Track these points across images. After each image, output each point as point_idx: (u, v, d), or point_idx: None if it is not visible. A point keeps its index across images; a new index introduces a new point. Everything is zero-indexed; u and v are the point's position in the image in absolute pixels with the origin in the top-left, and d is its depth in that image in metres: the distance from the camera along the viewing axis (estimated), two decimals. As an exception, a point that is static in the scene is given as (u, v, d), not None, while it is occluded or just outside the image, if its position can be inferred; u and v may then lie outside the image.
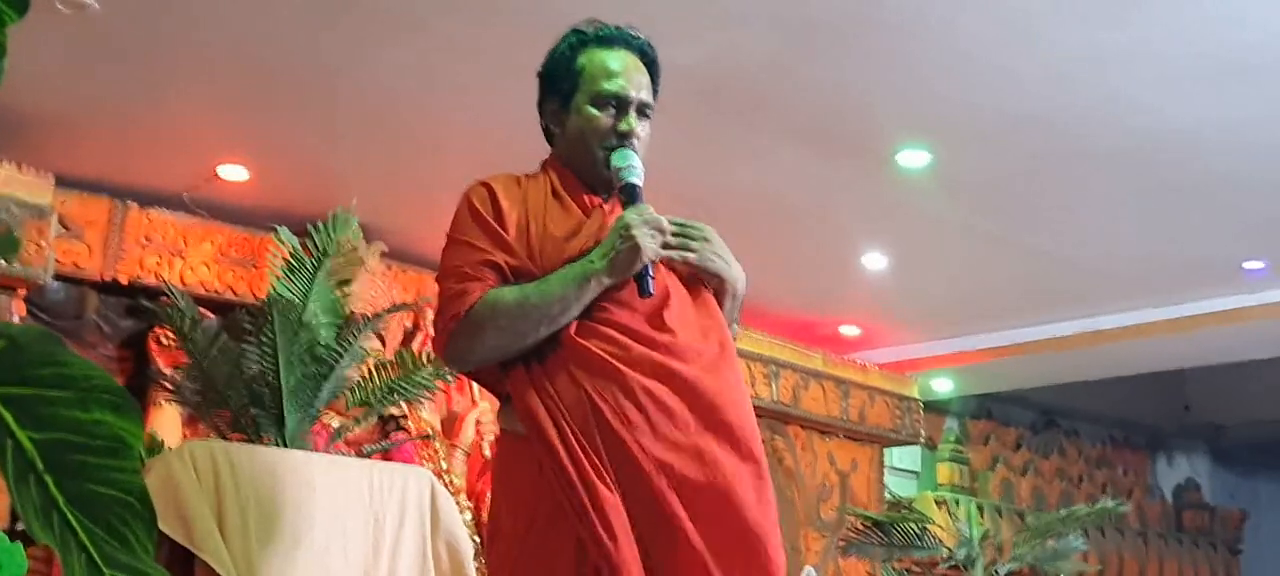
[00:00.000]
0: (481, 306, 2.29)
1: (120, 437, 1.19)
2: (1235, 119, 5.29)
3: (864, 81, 5.10)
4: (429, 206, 6.10)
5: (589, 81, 2.46)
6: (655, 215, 2.34)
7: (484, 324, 2.29)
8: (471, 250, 2.36)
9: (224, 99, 5.33)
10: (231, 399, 3.58)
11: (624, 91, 2.44)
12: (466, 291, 2.31)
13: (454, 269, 2.36)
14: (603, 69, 2.46)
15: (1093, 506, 6.04)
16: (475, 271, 2.33)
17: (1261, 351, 8.53)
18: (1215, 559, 11.95)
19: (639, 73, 2.48)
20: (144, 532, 1.21)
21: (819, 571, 8.16)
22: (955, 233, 6.78)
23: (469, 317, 2.29)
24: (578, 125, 2.47)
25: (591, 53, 2.48)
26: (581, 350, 2.28)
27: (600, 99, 2.45)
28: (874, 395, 8.94)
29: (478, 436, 6.60)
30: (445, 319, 2.34)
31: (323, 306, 3.69)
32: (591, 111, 2.45)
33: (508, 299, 2.29)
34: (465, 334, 2.31)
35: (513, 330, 2.28)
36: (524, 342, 2.29)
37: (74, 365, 1.16)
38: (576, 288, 2.29)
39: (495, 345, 2.30)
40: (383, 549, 3.41)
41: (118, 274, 5.85)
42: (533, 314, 2.28)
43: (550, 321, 2.29)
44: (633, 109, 2.45)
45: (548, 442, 2.23)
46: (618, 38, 2.50)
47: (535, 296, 2.29)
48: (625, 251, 2.29)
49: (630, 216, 2.32)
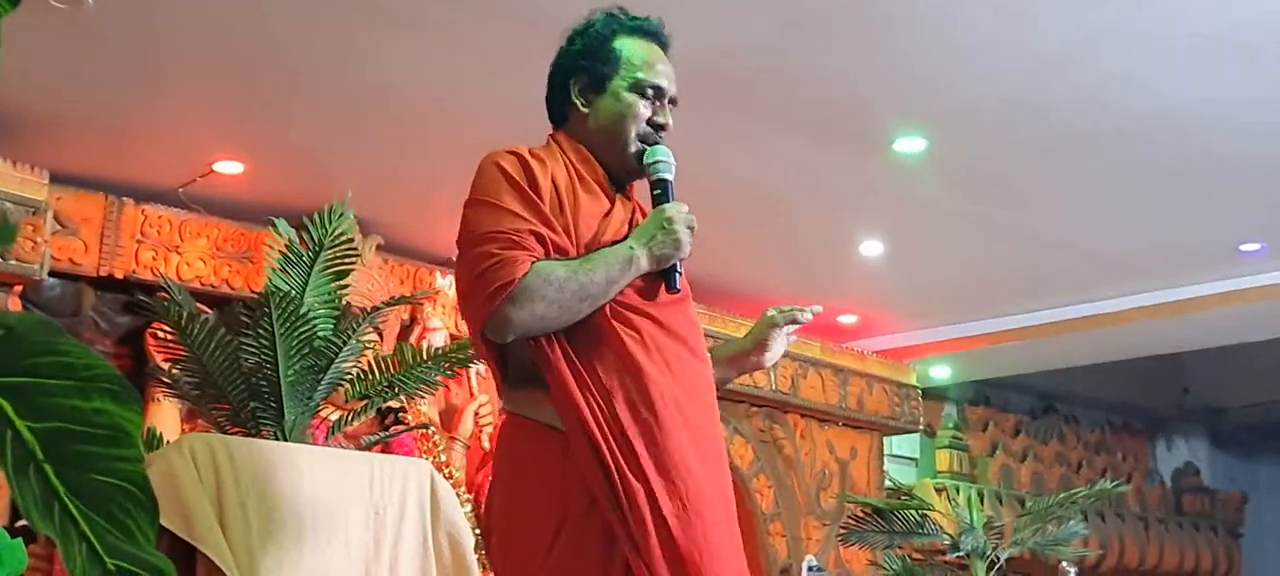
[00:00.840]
0: (534, 276, 2.24)
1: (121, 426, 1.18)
2: (1231, 101, 5.29)
3: (860, 70, 5.09)
4: (424, 200, 6.11)
5: (629, 68, 2.48)
6: (689, 213, 2.41)
7: (536, 295, 2.24)
8: (512, 217, 2.30)
9: (219, 94, 5.32)
10: (230, 393, 3.57)
11: (665, 85, 2.50)
12: (516, 259, 2.26)
13: (495, 234, 2.29)
14: (644, 59, 2.49)
15: (1091, 488, 6.03)
16: (522, 239, 2.28)
17: (1259, 333, 8.54)
18: (1216, 542, 11.97)
19: (671, 69, 2.54)
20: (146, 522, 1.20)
21: (820, 560, 8.17)
22: (952, 219, 6.78)
23: (523, 287, 2.24)
24: (614, 109, 2.47)
25: (628, 40, 2.50)
26: (614, 334, 2.30)
27: (643, 87, 2.48)
28: (872, 383, 8.95)
29: (476, 428, 6.60)
30: (491, 285, 2.25)
31: (320, 299, 3.68)
32: (631, 98, 2.47)
33: (559, 273, 2.26)
34: (515, 302, 2.24)
35: (563, 304, 2.26)
36: (570, 318, 2.28)
37: (74, 353, 1.16)
38: (620, 270, 2.31)
39: (543, 317, 2.26)
40: (384, 541, 3.41)
41: (114, 270, 5.85)
42: (582, 291, 2.27)
43: (593, 301, 2.29)
44: (667, 102, 2.51)
45: (587, 430, 2.22)
46: (653, 31, 2.55)
47: (583, 274, 2.28)
48: (667, 244, 2.35)
49: (671, 211, 2.38)
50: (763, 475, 8.23)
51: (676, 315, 2.41)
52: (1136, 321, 8.07)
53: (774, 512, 8.23)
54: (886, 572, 5.97)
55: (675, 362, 2.33)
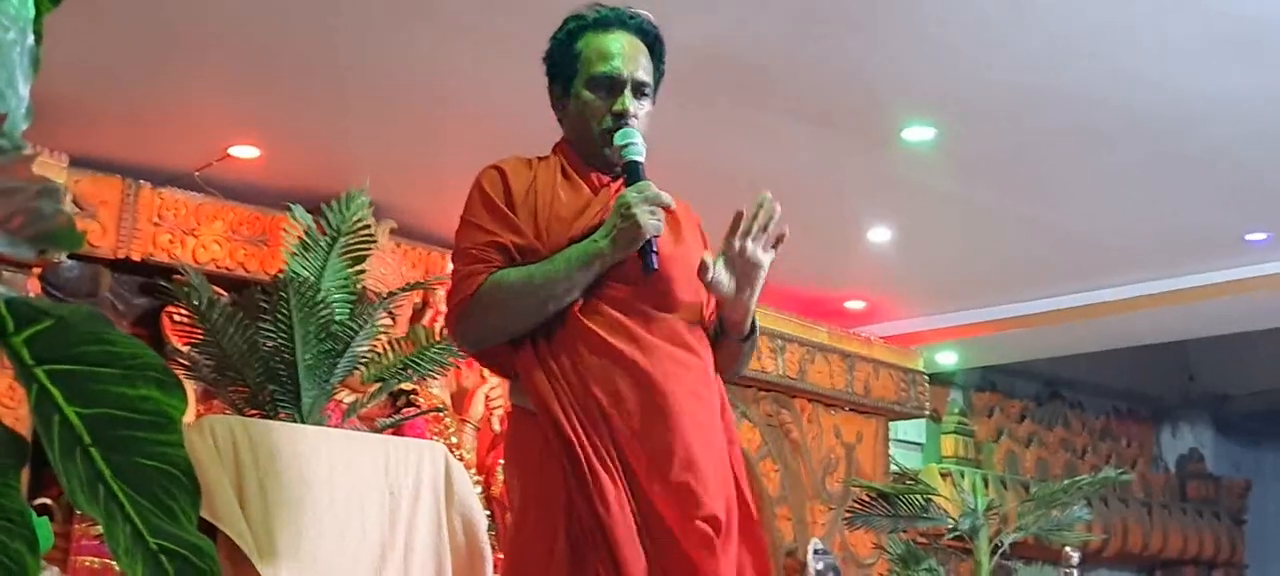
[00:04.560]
0: (487, 287, 2.35)
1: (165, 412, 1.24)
2: (1238, 93, 5.33)
3: (870, 59, 5.14)
4: (437, 185, 6.16)
5: (586, 65, 2.51)
6: (656, 192, 2.38)
7: (489, 305, 2.35)
8: (479, 232, 2.42)
9: (235, 80, 5.38)
10: (248, 375, 3.64)
11: (618, 72, 2.49)
12: (474, 273, 2.38)
13: (463, 251, 2.43)
14: (598, 52, 2.50)
15: (1096, 476, 6.09)
16: (481, 254, 2.39)
17: (1264, 321, 8.58)
18: (1219, 528, 12.02)
19: (637, 52, 2.52)
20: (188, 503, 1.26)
21: (826, 543, 8.23)
22: (960, 207, 6.82)
23: (475, 299, 2.36)
24: (577, 109, 2.53)
25: (589, 37, 2.53)
26: (585, 329, 2.35)
27: (596, 81, 2.50)
28: (879, 368, 9.00)
29: (487, 410, 6.67)
30: (454, 302, 2.41)
31: (337, 284, 3.74)
32: (588, 94, 2.50)
33: (512, 279, 2.35)
34: (472, 315, 2.38)
35: (517, 309, 2.35)
36: (531, 321, 2.36)
37: (121, 343, 1.21)
38: (581, 267, 2.35)
39: (500, 325, 2.37)
40: (399, 522, 3.47)
41: (131, 252, 5.92)
42: (538, 293, 2.34)
43: (555, 300, 2.35)
44: (628, 89, 2.49)
45: (553, 417, 2.30)
46: (615, 19, 2.54)
47: (540, 276, 2.35)
48: (626, 229, 2.34)
49: (630, 195, 2.37)
50: (769, 459, 8.29)
51: (664, 299, 2.42)
52: (1142, 309, 8.11)
53: (780, 496, 8.30)
54: (891, 556, 6.03)
55: (658, 349, 2.36)
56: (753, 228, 2.43)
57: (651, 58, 2.55)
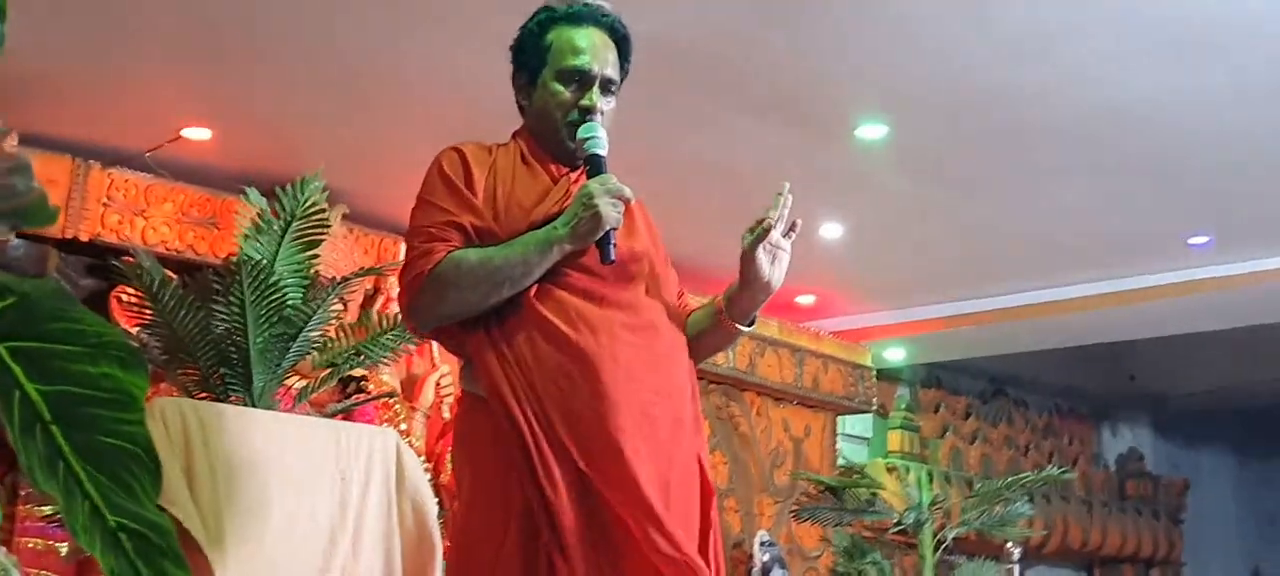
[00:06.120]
0: (445, 265, 2.38)
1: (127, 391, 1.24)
2: (1183, 97, 5.42)
3: (824, 56, 5.18)
4: (391, 170, 6.15)
5: (556, 57, 2.54)
6: (618, 184, 2.43)
7: (447, 283, 2.37)
8: (438, 211, 2.44)
9: (188, 61, 5.34)
10: (200, 358, 3.62)
11: (588, 67, 2.52)
12: (432, 250, 2.40)
13: (421, 228, 2.45)
14: (569, 45, 2.53)
15: (1038, 473, 6.18)
16: (441, 232, 2.42)
17: (1205, 323, 8.72)
18: (1157, 527, 12.19)
19: (606, 49, 2.56)
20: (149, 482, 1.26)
21: (772, 535, 8.30)
22: (910, 205, 6.89)
23: (433, 276, 2.38)
24: (543, 99, 2.55)
25: (560, 29, 2.55)
26: (539, 314, 2.38)
27: (565, 74, 2.53)
28: (828, 363, 9.07)
29: (437, 398, 6.66)
30: (410, 277, 2.42)
31: (290, 268, 3.73)
32: (556, 87, 2.53)
33: (471, 259, 2.38)
34: (428, 292, 2.39)
35: (475, 290, 2.37)
36: (485, 303, 2.38)
37: (86, 321, 1.22)
38: (538, 253, 2.38)
39: (457, 303, 2.39)
40: (350, 508, 3.47)
41: (79, 232, 5.86)
42: (495, 275, 2.37)
43: (512, 283, 2.38)
44: (596, 85, 2.53)
45: (503, 402, 2.33)
46: (587, 15, 2.57)
47: (498, 258, 2.37)
48: (587, 219, 2.38)
49: (593, 186, 2.41)
50: (719, 451, 8.34)
51: (622, 288, 2.46)
52: (1086, 309, 8.23)
53: (728, 488, 8.35)
54: (836, 549, 6.09)
55: (613, 336, 2.39)
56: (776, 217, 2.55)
57: (619, 56, 2.58)
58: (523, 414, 2.31)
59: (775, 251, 2.55)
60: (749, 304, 2.60)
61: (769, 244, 2.54)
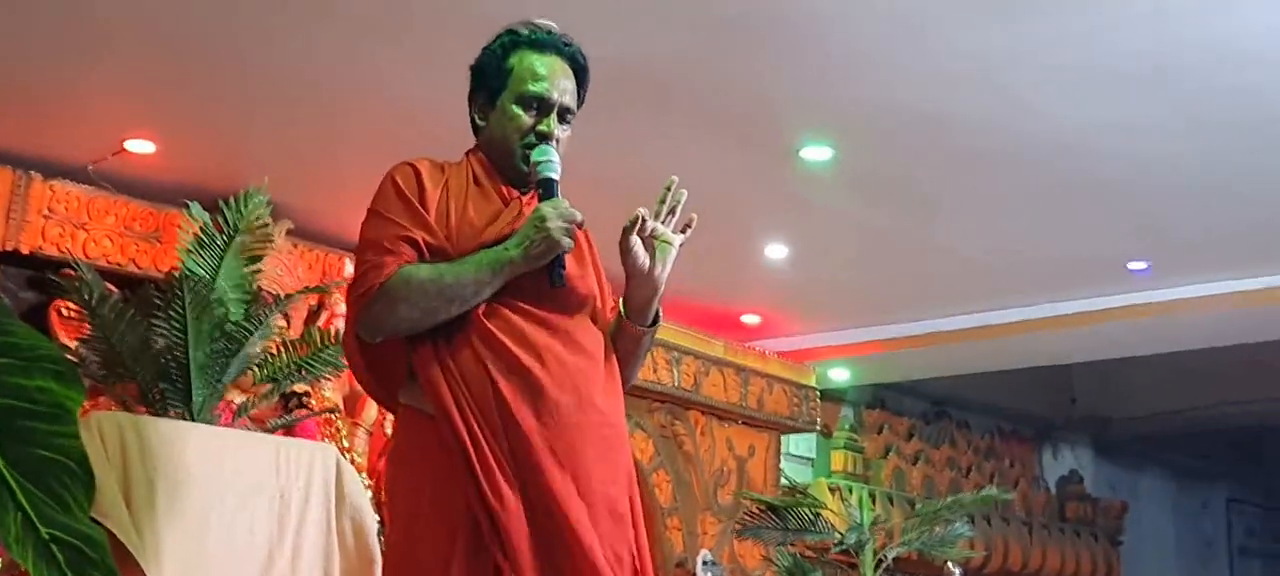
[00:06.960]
0: (396, 279, 2.39)
1: (62, 404, 1.25)
2: (1122, 125, 5.51)
3: (769, 78, 5.22)
4: (336, 186, 6.13)
5: (516, 82, 2.56)
6: (570, 209, 2.46)
7: (397, 297, 2.38)
8: (391, 225, 2.45)
9: (133, 73, 5.30)
10: (139, 373, 3.60)
11: (548, 94, 2.55)
12: (383, 264, 2.41)
13: (372, 242, 2.45)
14: (530, 71, 2.56)
15: (978, 494, 6.24)
16: (393, 245, 2.42)
17: (1144, 348, 8.85)
18: (1096, 548, 12.33)
19: (565, 78, 2.59)
20: (82, 494, 1.27)
21: (715, 554, 8.32)
22: (855, 227, 6.95)
23: (383, 289, 2.39)
24: (501, 122, 2.58)
25: (522, 54, 2.58)
26: (486, 332, 2.40)
27: (525, 99, 2.55)
28: (773, 383, 9.11)
29: (380, 415, 6.62)
30: (360, 289, 2.42)
31: (232, 283, 3.72)
32: (515, 110, 2.56)
33: (422, 275, 2.39)
34: (377, 304, 2.40)
35: (425, 305, 2.38)
36: (434, 319, 2.40)
37: (19, 333, 1.22)
38: (490, 273, 2.41)
39: (406, 318, 2.40)
40: (288, 524, 3.46)
41: (19, 245, 5.79)
42: (446, 292, 2.38)
43: (462, 301, 2.40)
44: (555, 112, 2.56)
45: (449, 418, 2.34)
46: (550, 43, 2.60)
47: (449, 276, 2.39)
48: (539, 242, 2.41)
49: (546, 209, 2.44)
50: (662, 470, 8.35)
51: (567, 315, 2.49)
52: (1028, 332, 8.32)
53: (672, 507, 8.36)
54: (779, 568, 6.12)
55: (557, 358, 2.42)
56: (661, 210, 2.59)
57: (577, 86, 2.62)
58: (468, 429, 2.33)
59: (652, 244, 2.57)
60: (640, 300, 2.60)
61: (645, 235, 2.55)
